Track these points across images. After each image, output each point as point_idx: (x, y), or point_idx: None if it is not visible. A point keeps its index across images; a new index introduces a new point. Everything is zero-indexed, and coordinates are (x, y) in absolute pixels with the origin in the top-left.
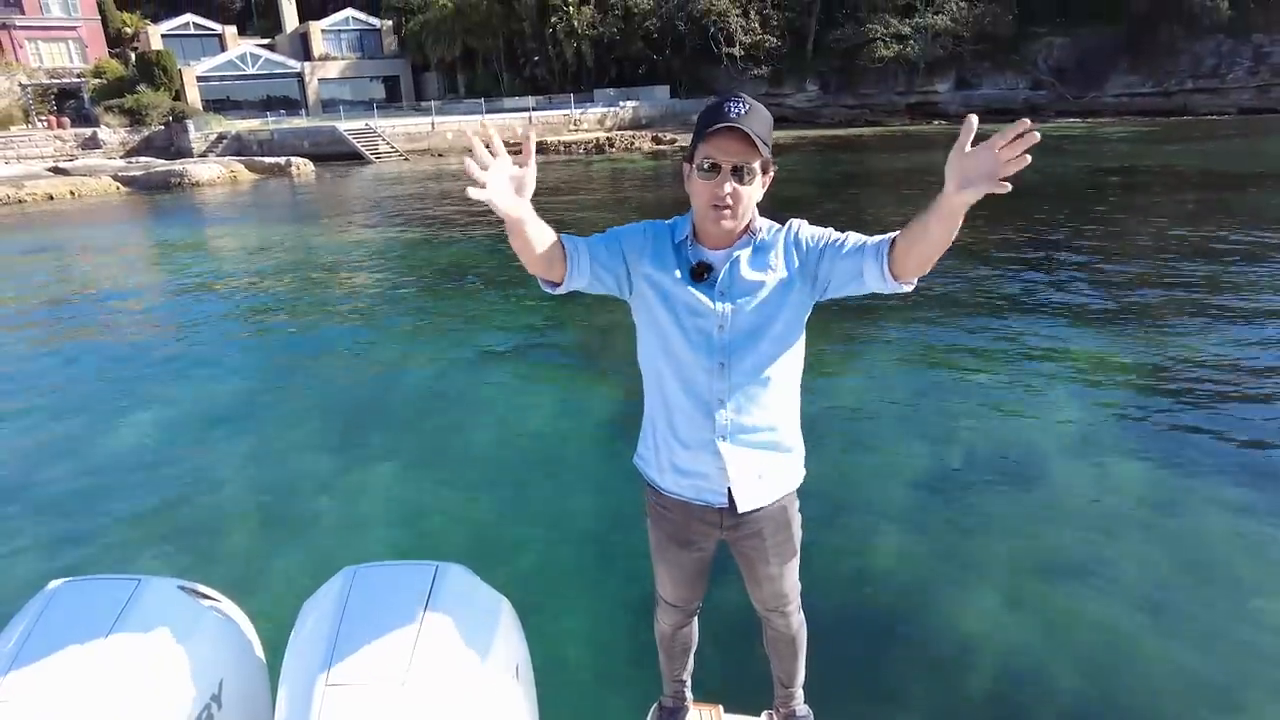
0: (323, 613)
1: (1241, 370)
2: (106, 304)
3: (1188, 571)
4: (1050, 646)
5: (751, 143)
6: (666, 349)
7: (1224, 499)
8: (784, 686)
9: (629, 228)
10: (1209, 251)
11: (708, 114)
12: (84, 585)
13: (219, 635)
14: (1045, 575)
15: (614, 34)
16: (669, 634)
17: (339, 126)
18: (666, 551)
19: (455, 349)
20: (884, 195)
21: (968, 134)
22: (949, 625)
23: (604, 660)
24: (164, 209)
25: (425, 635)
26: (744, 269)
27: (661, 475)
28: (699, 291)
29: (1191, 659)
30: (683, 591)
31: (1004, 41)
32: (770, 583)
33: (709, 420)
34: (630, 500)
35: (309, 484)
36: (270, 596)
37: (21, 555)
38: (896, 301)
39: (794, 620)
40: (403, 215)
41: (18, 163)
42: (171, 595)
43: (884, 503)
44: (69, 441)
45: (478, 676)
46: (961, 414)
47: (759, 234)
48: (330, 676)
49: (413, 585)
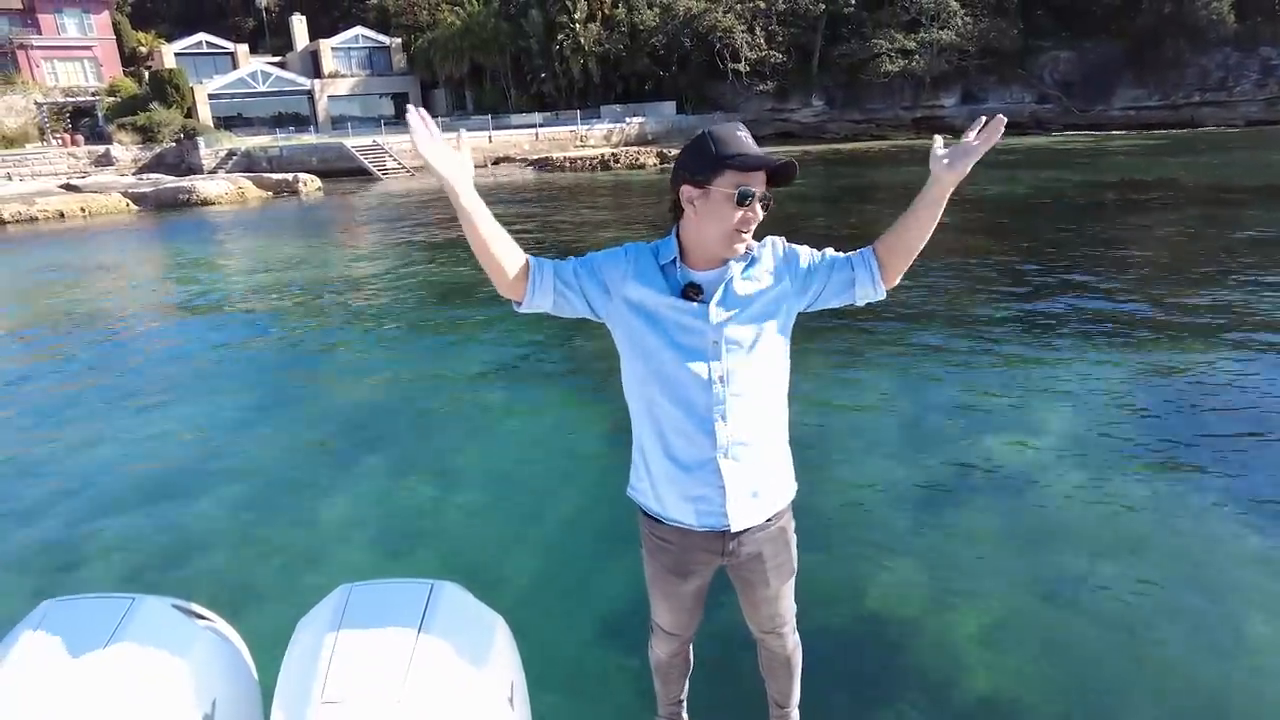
0: (317, 631)
1: (1244, 387)
2: (105, 319)
3: (1188, 591)
4: (1045, 666)
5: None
6: (659, 372)
7: (1225, 521)
8: (780, 707)
9: (608, 253)
10: (1213, 265)
11: (726, 143)
12: (77, 604)
13: (213, 654)
14: (1040, 593)
15: (620, 50)
16: (665, 660)
17: (346, 143)
18: (665, 584)
19: (455, 366)
20: (887, 208)
21: (973, 130)
22: (942, 643)
23: (599, 680)
24: (171, 226)
25: (420, 653)
26: (738, 284)
27: (661, 504)
28: (693, 311)
29: (1188, 679)
30: (680, 619)
31: (1010, 55)
32: (768, 604)
33: (709, 438)
34: (628, 520)
35: (303, 502)
36: (264, 616)
37: (13, 572)
38: (888, 314)
39: (789, 641)
40: (406, 233)
41: (32, 179)
42: (165, 614)
43: (875, 519)
44: (62, 456)
45: (472, 695)
46: (953, 428)
47: (753, 251)
48: (325, 694)
49: (408, 603)
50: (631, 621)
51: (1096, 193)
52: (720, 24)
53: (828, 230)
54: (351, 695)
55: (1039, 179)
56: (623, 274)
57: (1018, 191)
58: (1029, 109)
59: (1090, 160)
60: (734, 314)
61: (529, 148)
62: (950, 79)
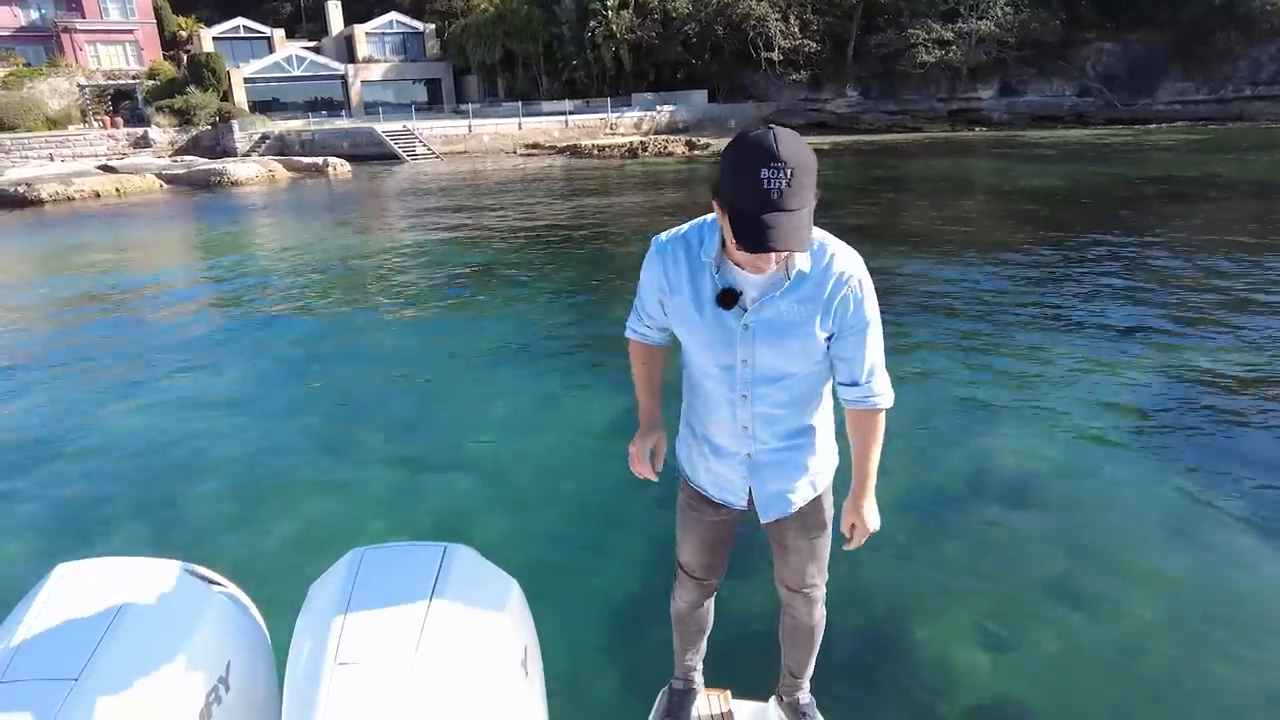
0: (331, 593)
1: (1267, 395)
2: (127, 290)
3: (1196, 598)
4: (1050, 667)
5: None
6: (696, 369)
7: (1238, 529)
8: (793, 677)
9: (646, 272)
10: (1248, 266)
11: (738, 170)
12: (92, 566)
13: (226, 618)
14: (1042, 597)
15: (652, 38)
16: (685, 612)
17: (377, 128)
18: (689, 514)
19: (475, 342)
20: (918, 201)
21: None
22: (946, 639)
23: (613, 644)
24: (202, 206)
25: (434, 616)
26: (772, 305)
27: (692, 469)
28: (724, 322)
29: (1197, 684)
30: (703, 558)
31: (1051, 47)
32: (798, 557)
33: (737, 442)
34: (644, 487)
35: (315, 471)
36: (276, 582)
37: (25, 536)
38: (909, 303)
39: (817, 609)
40: (430, 214)
41: (73, 160)
42: (179, 579)
43: (882, 514)
44: (77, 424)
45: (486, 657)
46: (966, 427)
47: (797, 265)
48: (339, 656)
49: (421, 566)
50: (645, 588)
51: (1135, 187)
52: (754, 12)
53: (856, 223)
54: (365, 657)
55: (1068, 172)
56: (662, 291)
57: (1052, 184)
58: (1069, 103)
59: (1130, 155)
60: (763, 335)
61: (559, 135)
62: (988, 71)
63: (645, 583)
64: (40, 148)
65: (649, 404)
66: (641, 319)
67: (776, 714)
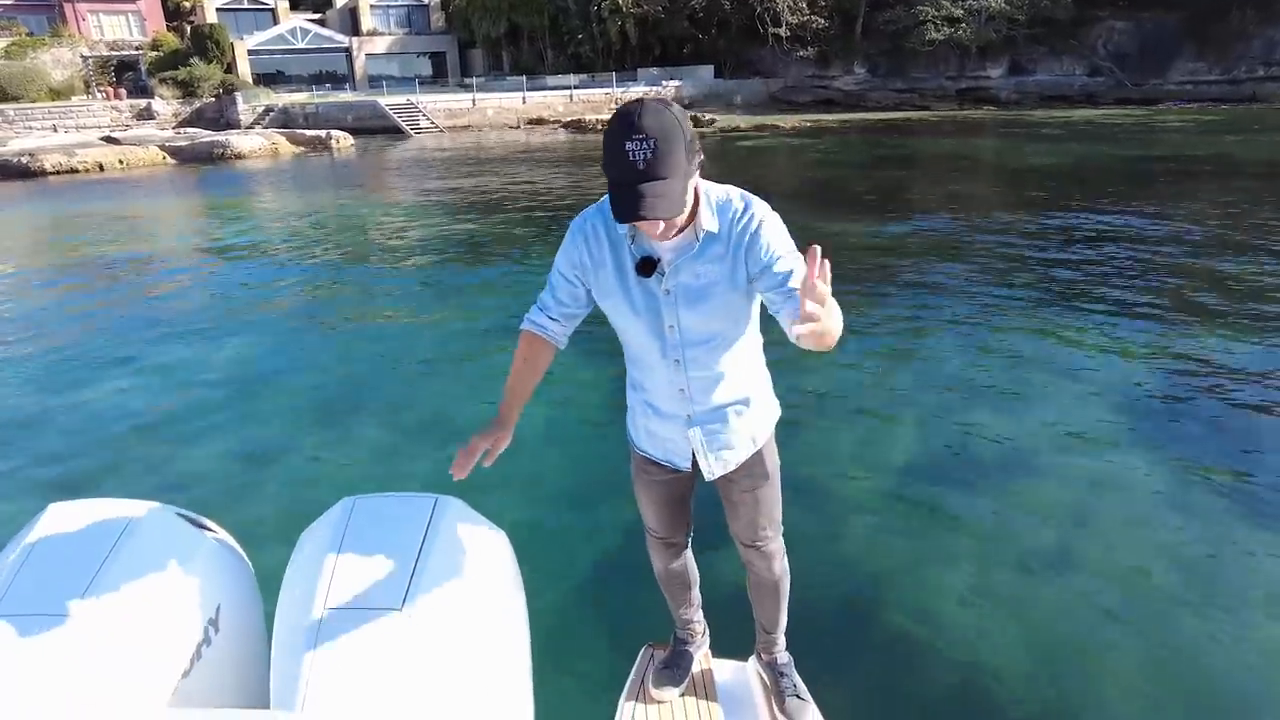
0: (321, 541)
1: (1259, 375)
2: (126, 261)
3: (1182, 574)
4: (1029, 641)
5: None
6: (632, 342)
7: (1224, 505)
8: (766, 633)
9: (563, 253)
10: (1250, 247)
11: (613, 137)
12: (85, 507)
13: (217, 562)
14: (1027, 568)
15: (658, 12)
16: (664, 571)
17: (380, 101)
18: (642, 477)
19: (472, 312)
20: (923, 179)
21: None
22: (926, 609)
23: (599, 599)
24: (205, 178)
25: (423, 564)
26: (688, 268)
27: (637, 435)
28: (648, 288)
29: (1172, 663)
30: (664, 518)
31: (1062, 25)
32: (746, 509)
33: (676, 405)
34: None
35: (308, 431)
36: (266, 533)
37: (20, 481)
38: (900, 280)
39: (776, 563)
40: (432, 187)
41: (77, 131)
42: (170, 522)
43: (863, 486)
44: (72, 382)
45: (474, 607)
46: (954, 400)
47: (704, 227)
48: (328, 601)
49: (411, 516)
50: (630, 549)
51: (1144, 165)
52: None
53: (857, 196)
54: (354, 602)
55: (1074, 150)
56: (582, 265)
57: (1059, 163)
58: (1079, 82)
59: (1140, 134)
60: (685, 298)
61: (563, 109)
62: (998, 49)
63: (630, 544)
64: (44, 119)
65: (510, 401)
66: (546, 308)
67: (755, 672)
